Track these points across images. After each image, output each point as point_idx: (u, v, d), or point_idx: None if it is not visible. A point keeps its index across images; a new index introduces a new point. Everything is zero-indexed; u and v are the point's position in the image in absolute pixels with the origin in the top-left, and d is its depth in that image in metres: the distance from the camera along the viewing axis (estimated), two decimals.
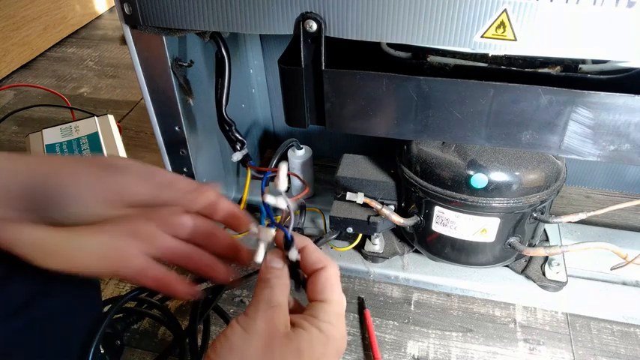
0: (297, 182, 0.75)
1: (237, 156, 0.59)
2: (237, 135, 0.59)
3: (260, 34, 0.75)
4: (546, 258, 0.65)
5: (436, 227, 0.60)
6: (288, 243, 0.34)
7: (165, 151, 0.62)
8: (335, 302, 0.33)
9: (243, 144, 0.59)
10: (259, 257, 0.35)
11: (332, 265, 0.34)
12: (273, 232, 0.35)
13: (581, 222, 0.62)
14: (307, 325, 0.31)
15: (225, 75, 0.54)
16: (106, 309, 0.64)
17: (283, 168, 0.33)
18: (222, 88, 0.55)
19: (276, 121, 0.88)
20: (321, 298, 0.33)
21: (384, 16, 0.42)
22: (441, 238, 0.61)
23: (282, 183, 0.34)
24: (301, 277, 0.36)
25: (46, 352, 0.37)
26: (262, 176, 0.37)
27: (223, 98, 0.56)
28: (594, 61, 0.48)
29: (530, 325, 0.63)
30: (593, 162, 0.78)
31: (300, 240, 0.35)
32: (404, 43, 0.43)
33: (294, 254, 0.34)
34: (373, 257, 0.69)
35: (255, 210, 0.74)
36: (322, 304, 0.33)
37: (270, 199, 0.33)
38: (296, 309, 0.35)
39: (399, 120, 0.49)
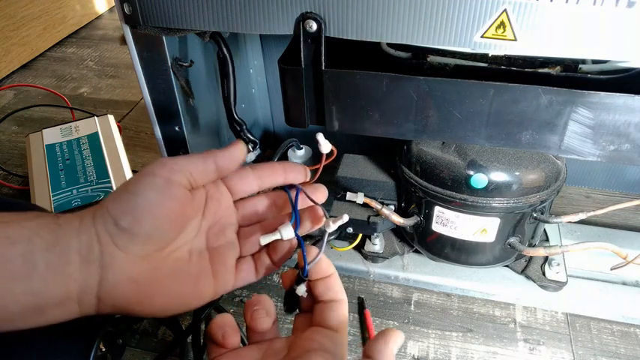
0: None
1: (250, 157, 0.59)
2: (249, 135, 0.58)
3: (260, 34, 0.75)
4: (546, 258, 0.65)
5: (436, 227, 0.60)
6: (300, 279, 0.35)
7: (165, 151, 0.62)
8: (345, 335, 0.35)
9: (255, 144, 0.58)
10: (263, 240, 0.37)
11: (346, 300, 0.36)
12: (291, 234, 0.37)
13: (581, 222, 0.62)
14: None
15: (230, 74, 0.54)
16: None
17: (320, 136, 0.42)
18: (229, 88, 0.55)
19: (276, 121, 0.88)
20: (333, 327, 0.34)
21: (384, 16, 0.42)
22: (441, 238, 0.61)
23: (325, 146, 0.42)
24: (298, 306, 0.37)
25: None
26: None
27: (231, 98, 0.55)
28: (594, 61, 0.48)
29: (530, 325, 0.63)
30: (593, 162, 0.78)
31: (330, 267, 0.36)
32: (404, 43, 0.43)
33: (302, 290, 0.35)
34: (373, 257, 0.69)
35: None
36: (336, 335, 0.34)
37: (320, 137, 0.42)
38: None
39: (399, 120, 0.49)
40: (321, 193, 0.40)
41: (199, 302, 0.37)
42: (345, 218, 0.37)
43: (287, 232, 0.37)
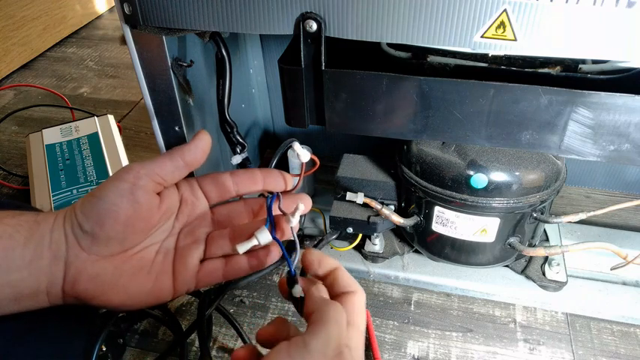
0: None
1: (236, 159, 0.59)
2: (239, 137, 0.58)
3: (260, 34, 0.75)
4: (546, 258, 0.65)
5: (436, 227, 0.60)
6: (291, 280, 0.35)
7: (165, 151, 0.62)
8: (361, 330, 0.34)
9: (243, 147, 0.59)
10: (241, 249, 0.37)
11: (361, 291, 0.35)
12: (268, 237, 0.37)
13: (581, 222, 0.62)
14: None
15: (226, 76, 0.54)
16: None
17: (296, 145, 0.41)
18: (224, 89, 0.55)
19: (276, 121, 0.88)
20: (349, 321, 0.33)
21: (384, 16, 0.42)
22: (441, 238, 0.61)
23: (304, 155, 0.41)
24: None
25: None
26: None
27: (225, 99, 0.56)
28: (594, 61, 0.48)
29: (530, 325, 0.63)
30: (593, 162, 0.78)
31: (331, 262, 0.36)
32: (404, 43, 0.43)
33: (297, 291, 0.34)
34: (373, 257, 0.69)
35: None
36: (350, 328, 0.32)
37: (297, 147, 0.40)
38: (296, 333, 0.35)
39: (399, 120, 0.49)
40: (304, 203, 0.40)
41: (157, 301, 0.38)
42: (301, 207, 0.37)
43: (264, 237, 0.37)
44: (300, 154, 0.41)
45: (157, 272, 0.37)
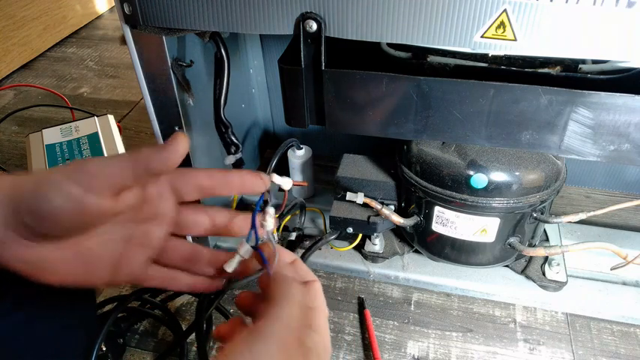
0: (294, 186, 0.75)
1: (230, 159, 0.59)
2: (233, 138, 0.58)
3: (260, 34, 0.75)
4: (546, 258, 0.65)
5: (436, 227, 0.60)
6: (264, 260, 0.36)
7: None
8: (324, 312, 0.34)
9: (237, 148, 0.59)
10: (229, 267, 0.37)
11: (317, 280, 0.36)
12: (250, 250, 0.37)
13: (581, 222, 0.62)
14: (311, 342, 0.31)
15: (224, 75, 0.54)
16: (109, 307, 0.64)
17: (275, 177, 0.38)
18: (221, 88, 0.55)
19: (276, 121, 0.88)
20: (312, 306, 0.34)
21: (384, 16, 0.42)
22: (441, 238, 0.61)
23: (285, 183, 0.39)
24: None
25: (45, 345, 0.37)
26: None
27: (221, 99, 0.56)
28: (594, 61, 0.48)
29: (530, 325, 0.63)
30: (593, 162, 0.78)
31: (289, 255, 0.37)
32: (404, 43, 0.43)
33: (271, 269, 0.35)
34: (373, 257, 0.69)
35: (246, 208, 0.77)
36: (314, 311, 0.33)
37: (276, 179, 0.38)
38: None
39: (399, 120, 0.49)
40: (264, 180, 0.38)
41: (91, 285, 0.36)
42: (270, 211, 0.37)
43: (247, 251, 0.37)
44: (281, 183, 0.39)
45: (93, 261, 0.35)
